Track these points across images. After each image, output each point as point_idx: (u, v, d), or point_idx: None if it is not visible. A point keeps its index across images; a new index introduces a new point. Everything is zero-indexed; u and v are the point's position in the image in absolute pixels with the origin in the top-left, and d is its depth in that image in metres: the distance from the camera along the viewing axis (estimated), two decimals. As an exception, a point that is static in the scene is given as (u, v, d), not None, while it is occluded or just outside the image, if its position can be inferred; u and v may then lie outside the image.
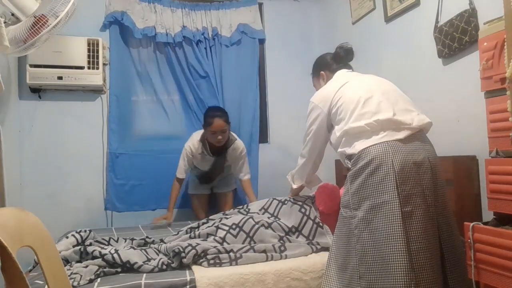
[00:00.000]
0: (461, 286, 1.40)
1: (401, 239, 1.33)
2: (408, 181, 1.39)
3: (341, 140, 1.57)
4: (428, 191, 1.42)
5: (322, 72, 1.90)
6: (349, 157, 1.53)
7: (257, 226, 1.89)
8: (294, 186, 2.02)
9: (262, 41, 3.38)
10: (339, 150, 1.59)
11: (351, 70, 1.85)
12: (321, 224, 1.93)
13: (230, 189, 2.97)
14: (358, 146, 1.48)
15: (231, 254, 1.72)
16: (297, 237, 1.91)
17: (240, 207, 2.26)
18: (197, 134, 2.69)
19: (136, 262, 1.64)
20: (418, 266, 1.33)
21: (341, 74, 1.77)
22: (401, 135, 1.46)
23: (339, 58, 1.85)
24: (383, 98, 1.55)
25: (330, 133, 1.71)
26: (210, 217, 2.20)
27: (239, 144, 2.73)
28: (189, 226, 2.12)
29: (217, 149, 2.65)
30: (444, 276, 1.40)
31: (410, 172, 1.40)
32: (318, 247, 1.84)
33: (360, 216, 1.42)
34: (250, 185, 2.78)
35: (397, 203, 1.36)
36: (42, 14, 1.84)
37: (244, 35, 3.26)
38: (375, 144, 1.44)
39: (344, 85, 1.64)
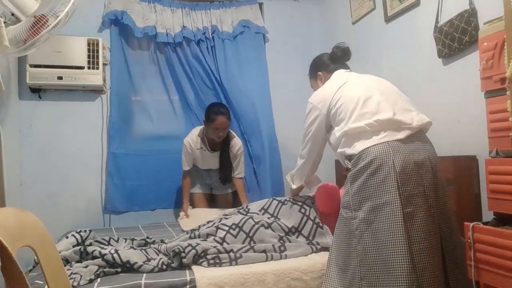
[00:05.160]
0: (462, 286, 1.40)
1: (402, 240, 1.33)
2: (409, 181, 1.39)
3: (340, 140, 1.57)
4: (429, 191, 1.42)
5: (319, 72, 1.90)
6: (349, 157, 1.53)
7: (257, 226, 1.89)
8: (294, 187, 2.02)
9: (264, 39, 3.37)
10: (339, 150, 1.59)
11: (348, 70, 1.85)
12: (321, 224, 1.93)
13: (229, 191, 2.97)
14: (358, 147, 1.48)
15: (231, 254, 1.72)
16: (297, 237, 1.91)
17: (240, 207, 2.26)
18: (196, 130, 2.76)
19: (136, 262, 1.64)
20: (420, 267, 1.33)
21: (339, 74, 1.77)
22: (402, 135, 1.46)
23: (336, 58, 1.85)
24: (382, 98, 1.55)
25: (329, 133, 1.71)
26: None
27: (237, 141, 2.77)
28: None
29: (216, 144, 2.69)
30: (445, 277, 1.40)
31: (411, 172, 1.40)
32: (318, 247, 1.84)
33: (361, 217, 1.42)
34: (243, 185, 2.84)
35: (399, 203, 1.36)
36: (42, 14, 1.84)
37: (247, 29, 3.25)
38: (375, 145, 1.44)
39: (342, 85, 1.64)
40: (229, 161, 2.76)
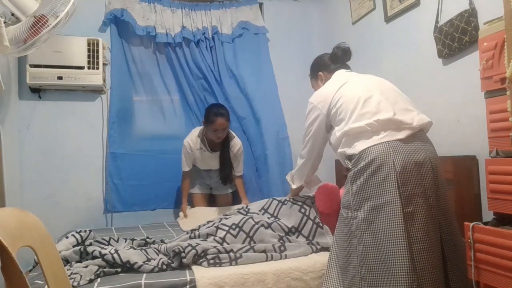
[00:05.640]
0: (462, 286, 1.40)
1: (402, 240, 1.33)
2: (410, 181, 1.39)
3: (341, 140, 1.57)
4: (429, 191, 1.42)
5: (320, 73, 1.89)
6: (350, 157, 1.53)
7: (257, 226, 1.89)
8: (294, 187, 2.02)
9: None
10: (339, 150, 1.59)
11: (349, 70, 1.85)
12: (321, 224, 1.93)
13: (229, 191, 2.97)
14: (358, 147, 1.48)
15: (231, 254, 1.72)
16: (297, 237, 1.91)
17: (240, 207, 2.26)
18: (196, 130, 2.77)
19: (136, 262, 1.64)
20: (420, 267, 1.33)
21: (340, 74, 1.77)
22: (402, 135, 1.46)
23: (337, 58, 1.85)
24: (382, 98, 1.55)
25: (329, 133, 1.71)
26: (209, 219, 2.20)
27: (237, 141, 2.78)
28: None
29: (216, 145, 2.70)
30: (445, 277, 1.40)
31: (411, 172, 1.40)
32: (318, 247, 1.84)
33: (362, 217, 1.42)
34: (242, 182, 2.88)
35: (399, 203, 1.36)
36: (42, 14, 1.84)
37: (246, 31, 3.25)
38: (376, 144, 1.44)
39: (343, 85, 1.64)
40: (229, 161, 2.76)
